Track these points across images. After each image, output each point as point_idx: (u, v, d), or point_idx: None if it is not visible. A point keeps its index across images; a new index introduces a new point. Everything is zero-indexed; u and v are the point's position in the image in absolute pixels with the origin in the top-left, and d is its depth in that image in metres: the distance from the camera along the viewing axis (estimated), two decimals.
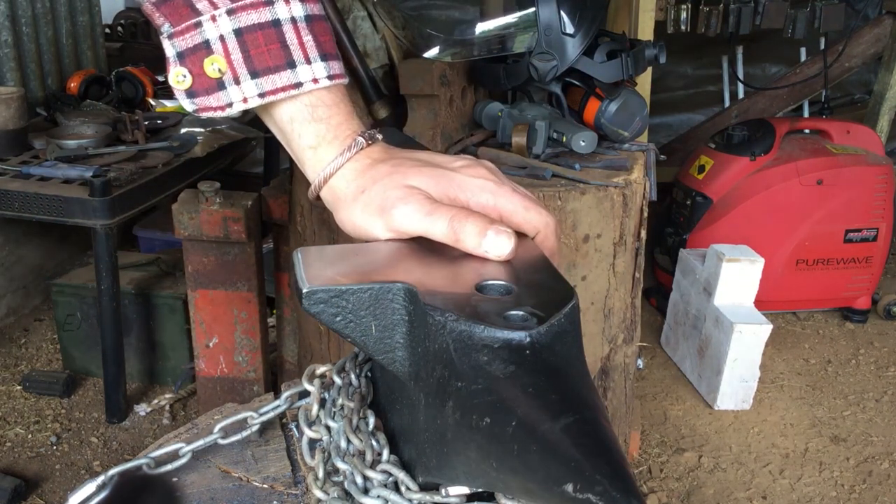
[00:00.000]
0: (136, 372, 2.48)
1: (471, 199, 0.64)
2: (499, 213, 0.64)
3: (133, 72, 2.79)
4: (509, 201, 0.64)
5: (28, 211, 2.08)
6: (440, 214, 0.61)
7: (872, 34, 3.19)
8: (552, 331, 0.54)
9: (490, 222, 0.61)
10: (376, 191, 0.65)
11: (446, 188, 0.64)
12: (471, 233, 0.60)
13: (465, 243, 0.61)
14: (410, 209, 0.62)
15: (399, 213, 0.63)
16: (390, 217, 0.63)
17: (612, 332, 1.73)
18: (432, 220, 0.62)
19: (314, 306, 0.58)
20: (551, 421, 0.48)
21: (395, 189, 0.64)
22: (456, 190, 0.64)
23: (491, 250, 0.60)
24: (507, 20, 1.71)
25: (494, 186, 0.64)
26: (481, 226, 0.60)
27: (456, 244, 0.61)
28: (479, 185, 0.64)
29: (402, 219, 0.63)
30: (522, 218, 0.64)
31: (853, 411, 2.45)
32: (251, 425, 0.82)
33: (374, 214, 0.64)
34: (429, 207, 0.62)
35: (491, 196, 0.64)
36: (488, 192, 0.64)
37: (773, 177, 2.76)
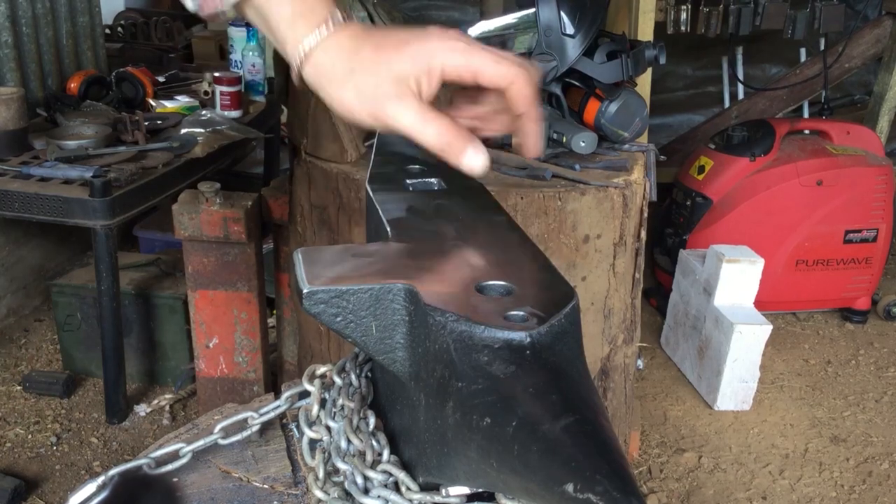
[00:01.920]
0: (136, 372, 2.48)
1: (446, 62, 0.68)
2: (471, 70, 0.69)
3: (133, 72, 2.78)
4: (479, 58, 0.69)
5: (28, 211, 2.08)
6: (431, 124, 0.68)
7: (872, 35, 3.19)
8: (552, 331, 0.54)
9: (470, 140, 0.69)
10: (367, 79, 0.68)
11: (426, 63, 0.68)
12: (456, 149, 0.69)
13: (448, 157, 0.69)
14: (403, 110, 0.68)
15: (393, 111, 0.68)
16: (383, 112, 0.68)
17: (612, 332, 1.73)
18: (423, 128, 0.68)
19: (314, 307, 0.58)
20: (551, 421, 0.48)
21: (387, 83, 0.68)
22: (433, 59, 0.68)
23: (468, 166, 0.70)
24: (507, 20, 1.72)
25: (464, 46, 0.69)
26: (462, 144, 0.69)
27: (439, 153, 0.69)
28: (450, 47, 0.69)
29: (396, 117, 0.68)
30: (494, 71, 0.69)
31: (853, 412, 2.45)
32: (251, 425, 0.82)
33: (366, 103, 0.69)
34: (422, 115, 0.68)
35: (461, 56, 0.68)
36: (459, 53, 0.68)
37: (773, 177, 2.76)
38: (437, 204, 0.77)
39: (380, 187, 0.79)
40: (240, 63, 2.94)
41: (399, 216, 0.72)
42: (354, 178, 1.61)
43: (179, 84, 3.05)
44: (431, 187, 0.80)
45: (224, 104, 2.71)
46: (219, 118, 2.60)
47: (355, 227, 1.65)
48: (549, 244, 1.58)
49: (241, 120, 2.71)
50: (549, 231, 1.57)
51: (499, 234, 0.70)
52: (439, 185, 0.81)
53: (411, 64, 0.68)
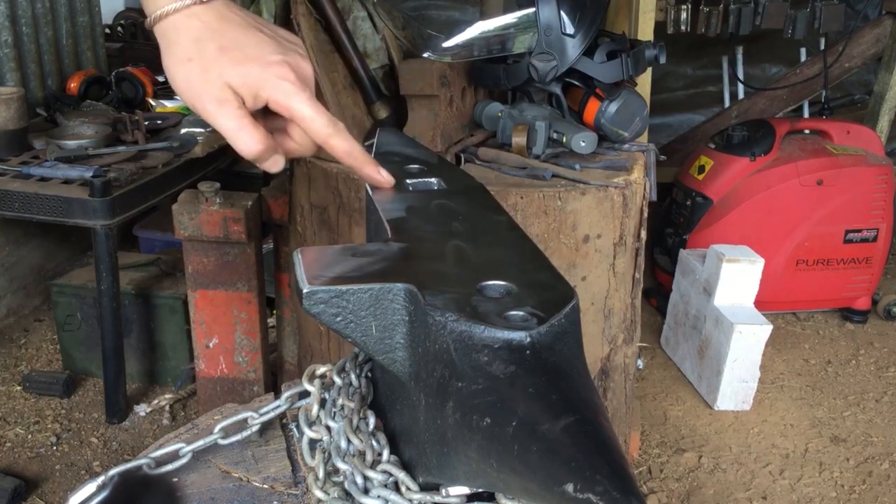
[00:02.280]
0: (136, 372, 2.48)
1: (272, 97, 0.73)
2: (291, 115, 0.74)
3: (133, 72, 2.78)
4: (300, 109, 0.74)
5: (28, 211, 2.08)
6: (245, 132, 0.73)
7: (872, 34, 3.19)
8: (552, 331, 0.54)
9: (276, 150, 0.76)
10: (199, 74, 0.73)
11: (254, 88, 0.73)
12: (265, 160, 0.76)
13: (258, 164, 0.76)
14: (223, 115, 0.73)
15: (213, 113, 0.73)
16: (204, 109, 0.73)
17: (612, 332, 1.73)
18: (238, 135, 0.73)
19: (314, 307, 0.58)
20: (551, 421, 0.48)
21: (215, 86, 0.72)
22: (261, 90, 0.73)
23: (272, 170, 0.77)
24: (507, 20, 1.71)
25: (292, 90, 0.73)
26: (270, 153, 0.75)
27: (251, 160, 0.76)
28: (280, 87, 0.73)
29: (215, 119, 0.73)
30: (307, 126, 0.75)
31: (853, 412, 2.45)
32: (251, 425, 0.82)
33: (191, 93, 0.74)
34: (238, 123, 0.73)
35: (285, 100, 0.73)
36: (285, 96, 0.73)
37: (773, 177, 2.76)
38: (437, 204, 0.77)
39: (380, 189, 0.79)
40: None
41: (399, 216, 0.72)
42: (354, 178, 1.61)
43: None
44: (431, 187, 0.80)
45: None
46: None
47: (355, 227, 1.65)
48: (549, 244, 1.58)
49: None
50: (549, 231, 1.57)
51: (499, 234, 0.70)
52: (439, 185, 0.81)
53: (241, 81, 0.73)
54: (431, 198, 0.78)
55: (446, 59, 1.70)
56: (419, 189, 0.80)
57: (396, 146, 0.87)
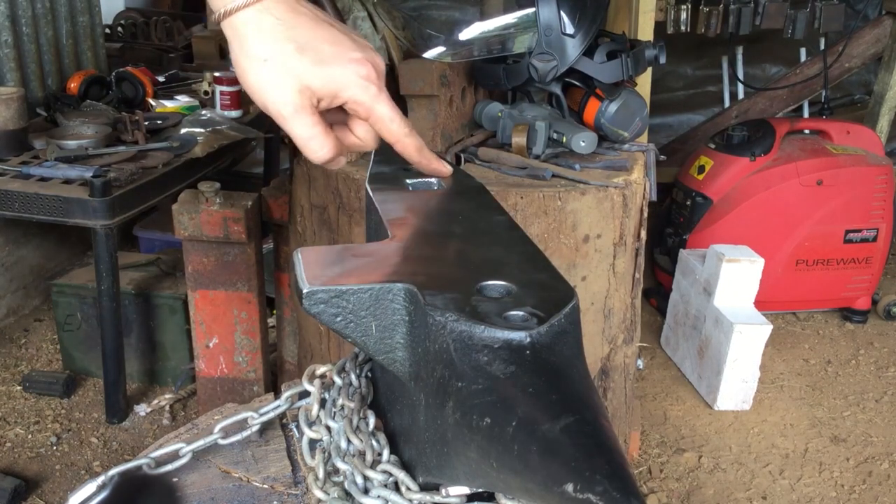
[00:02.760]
0: (136, 372, 2.48)
1: (352, 97, 0.72)
2: (369, 115, 0.74)
3: (133, 72, 2.78)
4: (380, 110, 0.73)
5: (28, 211, 2.08)
6: (316, 140, 0.72)
7: (872, 34, 3.19)
8: (552, 331, 0.54)
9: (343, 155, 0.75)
10: (275, 76, 0.71)
11: (335, 89, 0.72)
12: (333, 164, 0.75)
13: (326, 166, 0.75)
14: (298, 122, 0.71)
15: (288, 118, 0.71)
16: (278, 113, 0.72)
17: (612, 332, 1.73)
18: (308, 142, 0.72)
19: (314, 307, 0.58)
20: (551, 421, 0.48)
21: (292, 91, 0.71)
22: (342, 90, 0.72)
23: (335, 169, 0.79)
24: (507, 20, 1.71)
25: (375, 91, 0.73)
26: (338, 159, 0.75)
27: (317, 162, 0.74)
28: (362, 86, 0.72)
29: (289, 124, 0.72)
30: (385, 126, 0.74)
31: (853, 412, 2.45)
32: (251, 425, 0.82)
33: (265, 95, 0.72)
34: (311, 130, 0.72)
35: (367, 100, 0.73)
36: (367, 97, 0.72)
37: (773, 177, 2.76)
38: (437, 204, 0.77)
39: (380, 187, 0.79)
40: None
41: (399, 216, 0.72)
42: (354, 178, 1.61)
43: (179, 84, 3.05)
44: (431, 187, 0.80)
45: (224, 104, 2.71)
46: (219, 118, 2.60)
47: (355, 227, 1.65)
48: (549, 244, 1.58)
49: (241, 120, 2.71)
50: (549, 231, 1.57)
51: (499, 234, 0.70)
52: (439, 185, 0.81)
53: (322, 83, 0.71)
54: (431, 198, 0.78)
55: (446, 59, 1.70)
56: (419, 189, 0.80)
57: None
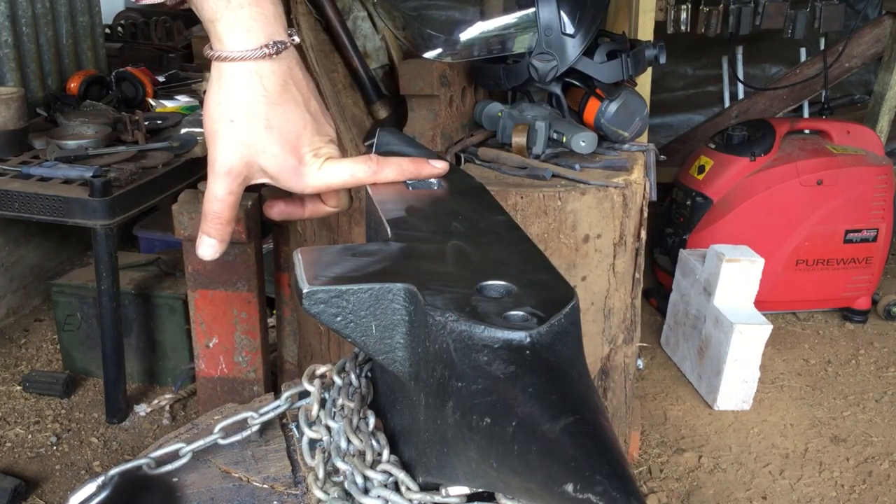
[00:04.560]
0: (136, 372, 2.48)
1: (309, 185, 0.75)
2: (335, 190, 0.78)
3: (133, 72, 2.78)
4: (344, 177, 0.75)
5: (28, 211, 2.08)
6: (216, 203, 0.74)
7: (872, 34, 3.19)
8: (552, 331, 0.54)
9: (215, 236, 0.75)
10: (230, 138, 0.71)
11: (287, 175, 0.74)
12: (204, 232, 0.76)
13: (202, 223, 0.75)
14: (216, 183, 0.72)
15: (213, 171, 0.72)
16: (211, 163, 0.72)
17: (612, 332, 1.73)
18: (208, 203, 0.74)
19: (314, 306, 0.58)
20: (551, 421, 0.48)
21: (237, 157, 0.71)
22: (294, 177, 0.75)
23: (198, 252, 0.77)
24: (507, 20, 1.71)
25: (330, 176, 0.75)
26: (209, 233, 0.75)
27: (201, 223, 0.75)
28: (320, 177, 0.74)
29: (210, 173, 0.73)
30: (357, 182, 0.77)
31: (853, 412, 2.45)
32: (251, 425, 0.82)
33: (212, 146, 0.72)
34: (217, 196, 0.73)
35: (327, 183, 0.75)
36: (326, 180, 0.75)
37: (773, 177, 2.76)
38: (437, 204, 0.77)
39: (380, 187, 0.79)
40: None
41: (399, 216, 0.72)
42: None
43: (179, 84, 3.05)
44: (431, 187, 0.80)
45: None
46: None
47: (355, 227, 1.65)
48: (549, 244, 1.58)
49: None
50: (549, 231, 1.57)
51: (499, 234, 0.70)
52: (439, 185, 0.81)
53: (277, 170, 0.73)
54: (431, 198, 0.78)
55: (446, 59, 1.70)
56: (419, 189, 0.80)
57: (396, 146, 0.87)
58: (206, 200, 0.74)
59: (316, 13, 1.79)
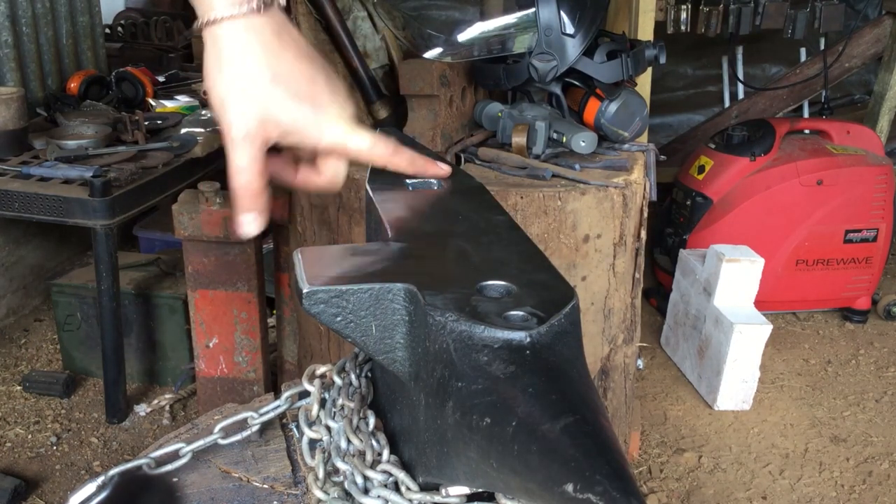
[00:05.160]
0: (136, 372, 2.48)
1: (323, 139, 0.72)
2: (346, 151, 0.73)
3: (133, 72, 2.78)
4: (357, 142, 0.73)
5: (28, 211, 2.08)
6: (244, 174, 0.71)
7: (872, 34, 3.19)
8: (552, 331, 0.54)
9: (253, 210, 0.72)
10: (240, 100, 0.69)
11: (302, 124, 0.71)
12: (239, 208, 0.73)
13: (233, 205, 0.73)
14: (240, 149, 0.70)
15: (233, 140, 0.70)
16: (226, 133, 0.70)
17: (612, 332, 1.73)
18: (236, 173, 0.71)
19: (314, 306, 0.58)
20: (551, 421, 0.48)
21: (250, 119, 0.69)
22: (309, 125, 0.71)
23: (236, 228, 0.75)
24: (507, 20, 1.72)
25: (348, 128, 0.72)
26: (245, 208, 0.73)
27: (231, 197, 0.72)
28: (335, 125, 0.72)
29: (230, 148, 0.70)
30: (369, 156, 0.74)
31: (853, 411, 2.45)
32: (251, 425, 0.82)
33: (224, 115, 0.70)
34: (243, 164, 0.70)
35: (341, 139, 0.72)
36: (342, 134, 0.72)
37: (773, 177, 2.76)
38: (437, 204, 0.77)
39: (380, 187, 0.79)
40: None
41: (399, 216, 0.72)
42: (354, 178, 1.61)
43: (179, 84, 3.05)
44: (431, 187, 0.80)
45: None
46: None
47: (355, 227, 1.65)
48: (549, 244, 1.58)
49: None
50: (549, 231, 1.57)
51: (499, 234, 0.70)
52: (439, 185, 0.81)
53: (290, 118, 0.70)
54: (431, 198, 0.78)
55: (446, 59, 1.70)
56: (419, 189, 0.80)
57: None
58: (231, 177, 0.71)
59: (316, 13, 1.79)
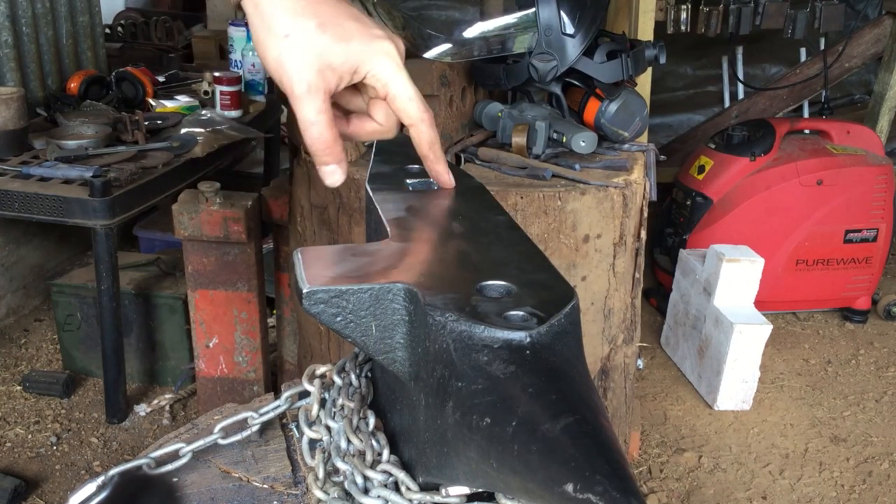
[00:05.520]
0: (136, 372, 2.48)
1: (373, 72, 0.71)
2: (388, 91, 0.72)
3: (133, 72, 2.78)
4: (399, 86, 0.72)
5: (28, 211, 2.08)
6: (317, 126, 0.70)
7: (872, 34, 3.19)
8: (552, 331, 0.54)
9: (335, 158, 0.72)
10: (294, 52, 0.69)
11: (356, 63, 0.71)
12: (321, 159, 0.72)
13: (314, 159, 0.72)
14: (308, 102, 0.69)
15: (299, 96, 0.69)
16: (291, 89, 0.70)
17: (612, 332, 1.73)
18: (309, 126, 0.70)
19: (314, 306, 0.58)
20: (551, 421, 0.48)
21: (311, 69, 0.69)
22: (364, 64, 0.71)
23: (323, 178, 0.73)
24: (507, 20, 1.71)
25: (396, 67, 0.72)
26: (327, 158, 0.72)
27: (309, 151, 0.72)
28: (382, 63, 0.71)
29: (298, 102, 0.70)
30: (402, 105, 0.73)
31: (853, 411, 2.45)
32: (251, 425, 0.82)
33: (282, 70, 0.70)
34: (316, 116, 0.70)
35: (388, 75, 0.71)
36: (388, 71, 0.71)
37: (773, 177, 2.76)
38: (437, 204, 0.77)
39: (380, 187, 0.79)
40: (240, 63, 2.94)
41: (399, 216, 0.72)
42: (354, 178, 1.61)
43: (179, 84, 3.05)
44: (431, 187, 0.80)
45: (224, 104, 2.71)
46: (219, 118, 2.60)
47: (355, 227, 1.65)
48: (549, 244, 1.58)
49: (241, 120, 2.71)
50: (549, 231, 1.57)
51: (499, 234, 0.70)
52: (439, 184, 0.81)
53: (343, 59, 0.70)
54: (431, 198, 0.78)
55: (446, 59, 1.70)
56: (419, 189, 0.79)
57: (396, 146, 0.87)
58: (304, 133, 0.71)
59: None
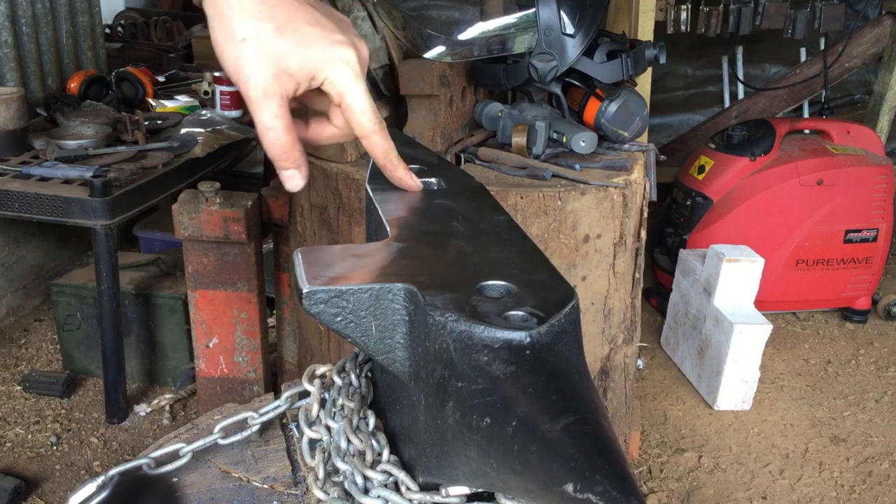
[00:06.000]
0: (136, 372, 2.48)
1: (330, 78, 0.71)
2: (343, 100, 0.72)
3: (133, 72, 2.78)
4: (354, 96, 0.72)
5: (28, 211, 2.08)
6: (274, 131, 0.70)
7: (872, 34, 3.19)
8: (552, 331, 0.54)
9: (295, 163, 0.72)
10: (251, 56, 0.69)
11: (313, 70, 0.70)
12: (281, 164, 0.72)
13: (274, 165, 0.72)
14: (265, 107, 0.69)
15: (256, 101, 0.69)
16: (247, 94, 0.69)
17: (612, 332, 1.73)
18: (267, 132, 0.70)
19: (314, 306, 0.58)
20: (551, 421, 0.48)
21: (265, 74, 0.69)
22: (321, 71, 0.70)
23: (285, 183, 0.73)
24: (507, 20, 1.71)
25: (353, 75, 0.71)
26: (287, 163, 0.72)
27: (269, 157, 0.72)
28: (340, 71, 0.71)
29: (255, 107, 0.70)
30: (354, 116, 0.73)
31: (853, 411, 2.45)
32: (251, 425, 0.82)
33: (240, 76, 0.69)
34: (273, 120, 0.69)
35: (344, 83, 0.71)
36: (344, 80, 0.71)
37: (773, 177, 2.76)
38: (437, 204, 0.77)
39: (380, 187, 0.79)
40: None
41: (399, 216, 0.72)
42: (354, 178, 1.61)
43: (179, 84, 3.05)
44: (431, 187, 0.80)
45: (224, 104, 2.71)
46: (219, 118, 2.60)
47: (355, 227, 1.65)
48: (549, 244, 1.58)
49: (241, 120, 2.71)
50: (549, 231, 1.57)
51: (499, 234, 0.70)
52: (439, 185, 0.81)
53: (300, 65, 0.69)
54: (431, 198, 0.78)
55: (446, 59, 1.70)
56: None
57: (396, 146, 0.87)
58: (261, 138, 0.71)
59: None
